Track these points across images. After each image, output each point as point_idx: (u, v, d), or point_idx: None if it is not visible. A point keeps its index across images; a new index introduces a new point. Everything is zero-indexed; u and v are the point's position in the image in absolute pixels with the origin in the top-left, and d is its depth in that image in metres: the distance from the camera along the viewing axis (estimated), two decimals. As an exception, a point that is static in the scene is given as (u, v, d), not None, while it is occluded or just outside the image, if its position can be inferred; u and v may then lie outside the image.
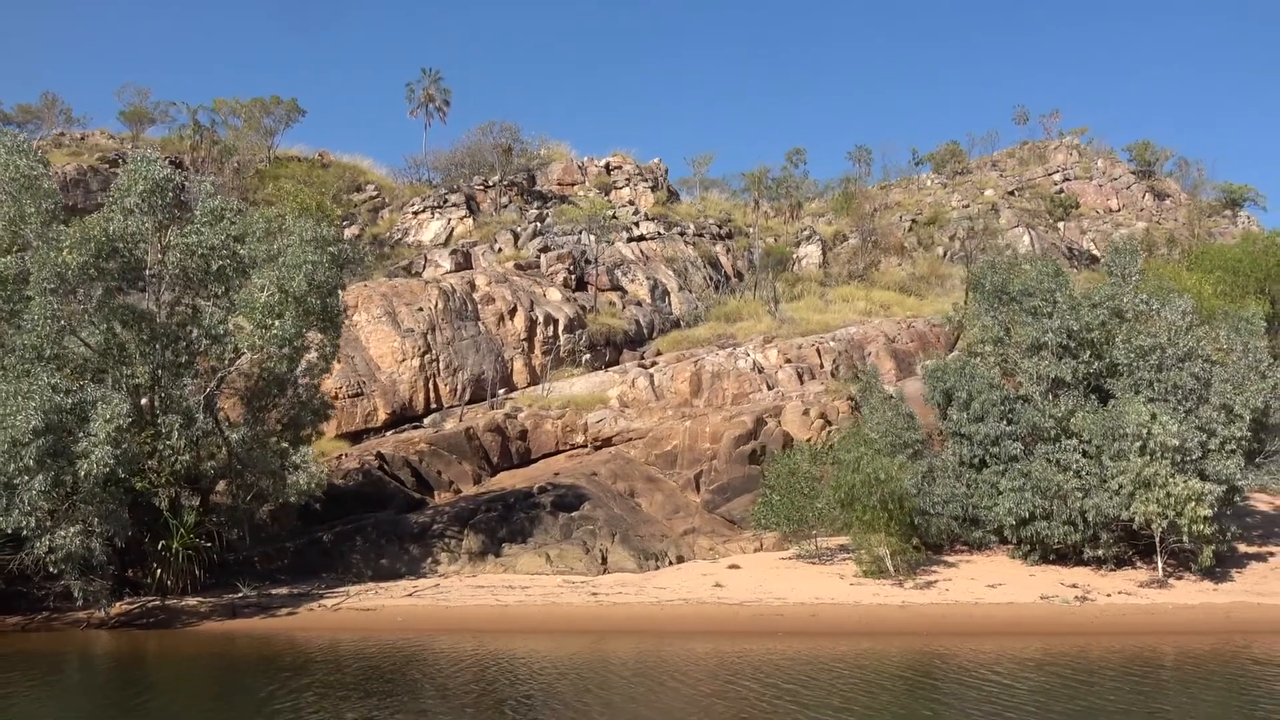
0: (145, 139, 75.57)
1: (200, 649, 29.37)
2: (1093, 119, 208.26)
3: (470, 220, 70.34)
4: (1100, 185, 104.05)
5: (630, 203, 74.81)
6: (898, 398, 40.82)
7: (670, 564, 39.30)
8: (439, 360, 54.67)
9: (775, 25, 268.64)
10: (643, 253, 70.10)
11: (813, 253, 77.37)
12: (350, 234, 67.36)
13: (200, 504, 35.22)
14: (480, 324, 57.43)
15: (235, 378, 35.62)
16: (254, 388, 36.32)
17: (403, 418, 52.83)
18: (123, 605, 33.30)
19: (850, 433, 37.93)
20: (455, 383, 54.96)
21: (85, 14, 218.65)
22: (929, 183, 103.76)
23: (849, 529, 37.21)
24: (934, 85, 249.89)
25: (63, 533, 29.46)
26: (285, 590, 36.18)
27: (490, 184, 73.11)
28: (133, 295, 35.28)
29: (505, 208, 71.96)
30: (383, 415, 52.01)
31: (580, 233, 68.29)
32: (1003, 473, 36.76)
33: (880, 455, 35.77)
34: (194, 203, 36.79)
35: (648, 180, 77.98)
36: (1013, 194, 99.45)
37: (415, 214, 71.11)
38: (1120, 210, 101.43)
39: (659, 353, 61.17)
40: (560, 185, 77.60)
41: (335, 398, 48.32)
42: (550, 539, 39.47)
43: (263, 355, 34.17)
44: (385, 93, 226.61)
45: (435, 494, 45.27)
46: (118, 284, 33.05)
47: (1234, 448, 35.16)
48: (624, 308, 64.86)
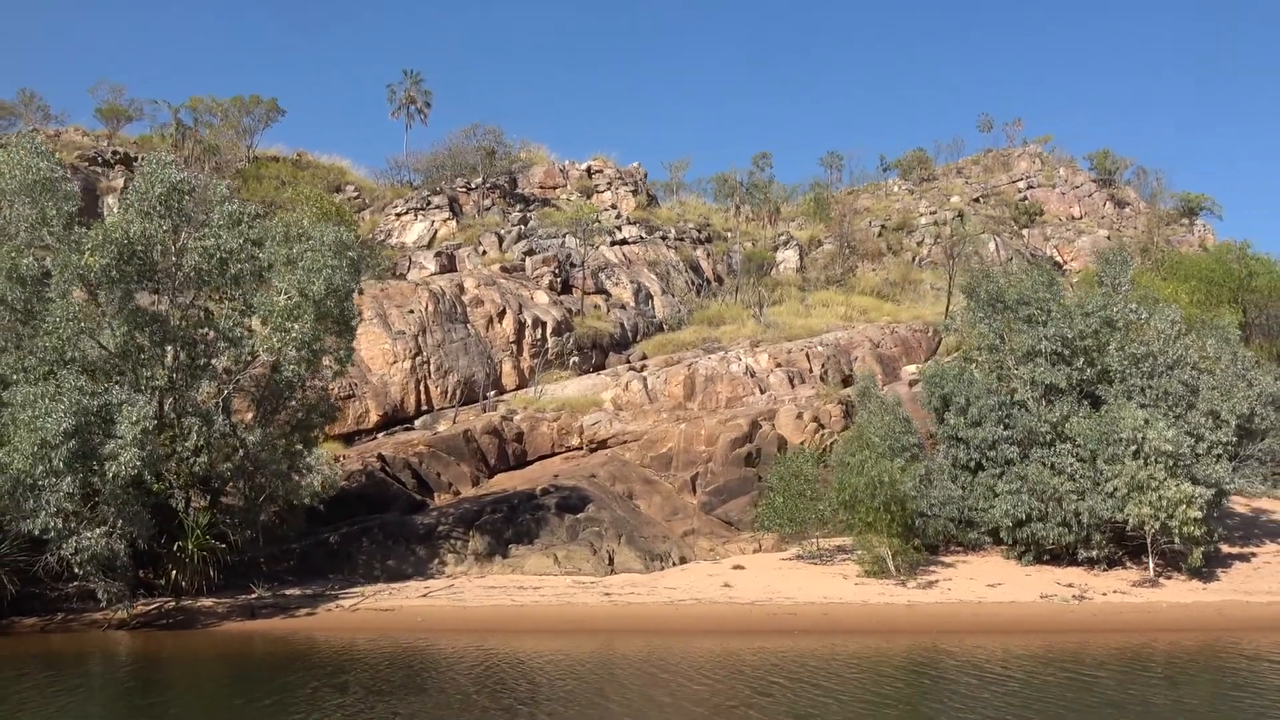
0: (121, 137, 75.03)
1: (226, 649, 29.72)
2: (1056, 126, 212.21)
3: (454, 222, 70.65)
4: (1063, 193, 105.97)
5: (612, 206, 75.55)
6: (893, 402, 41.84)
7: (674, 565, 40.07)
8: (430, 362, 55.04)
9: (748, 30, 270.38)
10: (625, 256, 70.83)
11: (790, 258, 78.53)
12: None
13: (213, 505, 35.45)
14: (470, 326, 57.85)
15: (247, 380, 35.84)
16: (265, 390, 36.58)
17: (394, 419, 53.15)
18: (139, 606, 33.43)
19: (853, 436, 38.94)
20: (446, 385, 55.36)
21: (60, 10, 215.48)
22: (896, 189, 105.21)
23: (851, 530, 38.23)
24: (901, 91, 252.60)
25: (89, 534, 29.69)
26: (298, 591, 36.52)
27: (473, 186, 73.47)
28: (143, 297, 35.47)
29: (488, 210, 72.37)
30: (374, 417, 52.29)
31: (564, 236, 68.88)
32: (999, 475, 37.96)
33: (883, 459, 36.78)
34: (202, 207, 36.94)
35: (628, 184, 78.72)
36: (978, 201, 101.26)
37: (398, 216, 71.28)
38: (1082, 218, 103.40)
39: (644, 356, 61.90)
40: (542, 188, 78.14)
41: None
42: (557, 540, 40.09)
43: (280, 358, 34.47)
44: (362, 94, 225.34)
45: (435, 495, 45.74)
46: (136, 286, 33.23)
47: (1220, 452, 36.61)
48: (609, 311, 65.54)
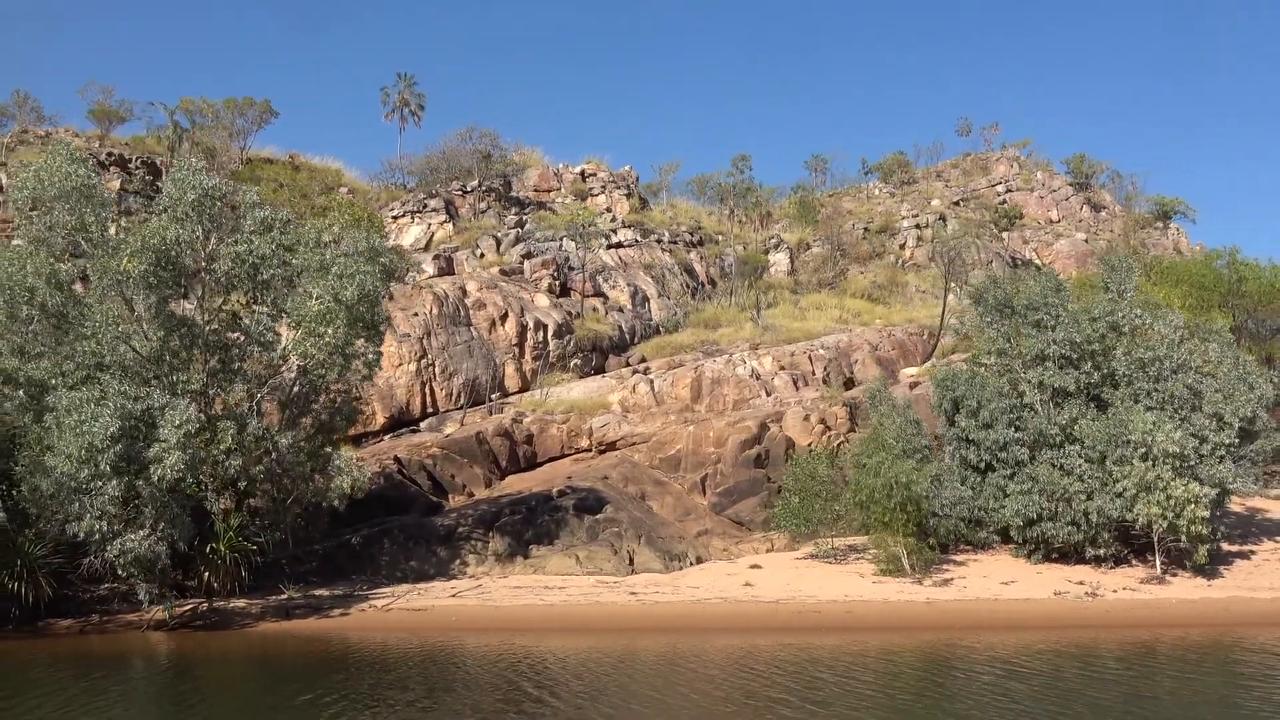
0: (113, 138, 74.88)
1: (270, 649, 30.28)
2: (1035, 130, 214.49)
3: (450, 225, 71.12)
4: (1041, 197, 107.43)
5: (608, 209, 76.25)
6: (904, 405, 42.87)
7: (691, 564, 40.87)
8: (435, 365, 55.56)
9: (733, 33, 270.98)
10: (621, 259, 71.53)
11: (781, 260, 79.53)
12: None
13: (242, 507, 35.90)
14: (473, 329, 58.39)
15: (276, 384, 36.32)
16: (292, 394, 37.07)
17: (400, 421, 53.66)
18: (158, 611, 33.68)
19: (869, 438, 39.87)
20: (451, 387, 55.91)
21: (52, 11, 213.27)
22: (877, 192, 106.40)
23: (866, 530, 39.22)
24: (880, 95, 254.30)
25: (133, 536, 30.14)
26: (326, 591, 37.07)
27: (468, 189, 73.94)
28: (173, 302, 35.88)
29: (484, 213, 72.86)
30: (381, 419, 52.77)
31: (561, 239, 69.50)
32: (1010, 476, 39.04)
33: (899, 460, 37.77)
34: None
35: (621, 187, 79.44)
36: (958, 204, 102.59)
37: (395, 218, 71.60)
38: (1060, 221, 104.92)
39: (643, 359, 62.63)
40: (536, 192, 78.72)
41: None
42: (577, 541, 40.81)
43: (312, 362, 35.00)
44: (354, 95, 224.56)
45: (449, 497, 46.31)
46: (172, 291, 33.67)
47: (1223, 453, 37.87)
48: (607, 314, 66.23)
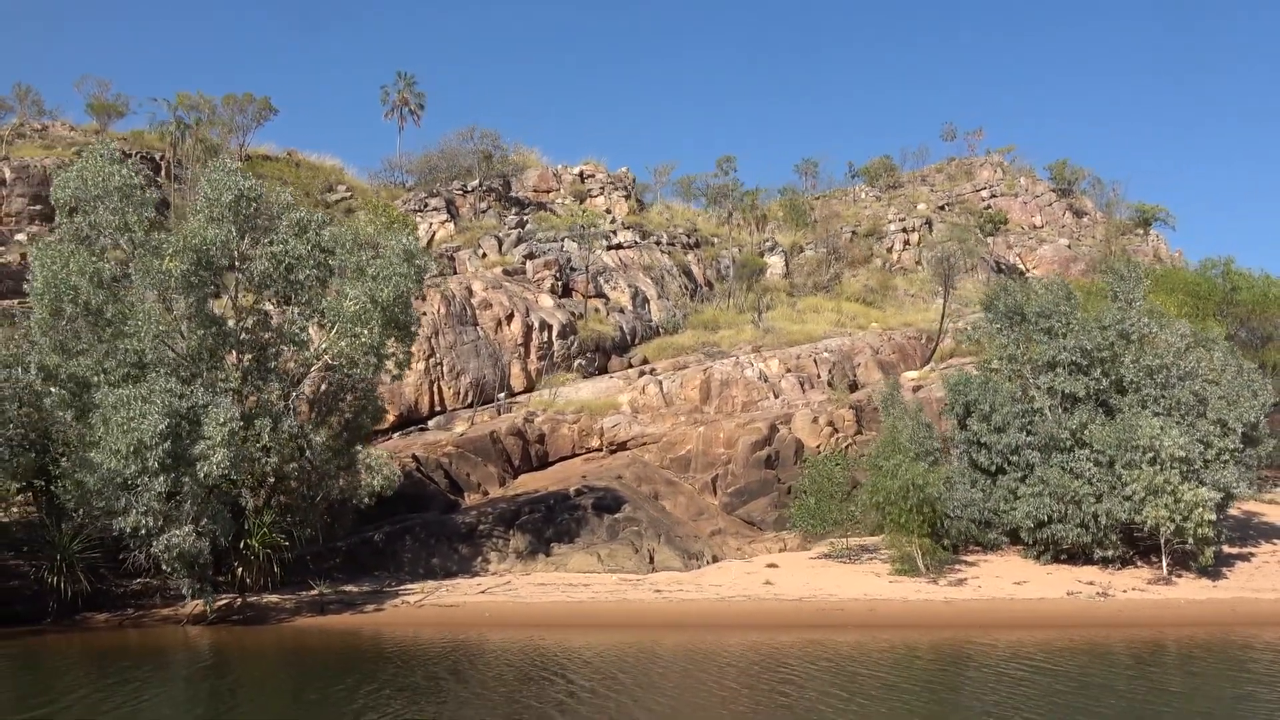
0: (110, 132, 74.77)
1: (313, 643, 30.86)
2: (1019, 134, 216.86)
3: (451, 225, 71.66)
4: (1025, 202, 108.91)
5: (607, 211, 76.96)
6: (915, 408, 43.88)
7: (708, 563, 41.72)
8: (443, 364, 56.11)
9: (725, 35, 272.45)
10: (621, 261, 72.24)
11: (776, 263, 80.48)
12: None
13: (274, 504, 36.41)
14: (479, 329, 58.97)
15: (309, 382, 36.86)
16: (322, 392, 37.61)
17: (409, 420, 54.20)
18: (198, 605, 34.14)
19: (886, 440, 40.80)
20: (459, 386, 56.49)
21: (52, 6, 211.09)
22: (863, 195, 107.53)
23: (881, 530, 40.21)
24: (867, 98, 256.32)
25: (178, 532, 30.63)
26: (353, 587, 37.64)
27: (469, 189, 74.45)
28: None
29: (484, 213, 73.40)
30: (390, 417, 53.14)
31: (563, 240, 70.16)
32: (1022, 479, 40.13)
33: (915, 463, 38.76)
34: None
35: (620, 189, 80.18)
36: (943, 209, 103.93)
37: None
38: (1043, 226, 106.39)
39: (645, 359, 63.40)
40: (536, 192, 79.32)
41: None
42: (597, 539, 41.59)
43: (346, 361, 35.58)
44: (352, 94, 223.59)
45: (465, 495, 46.95)
46: (209, 291, 34.16)
47: (1227, 458, 39.12)
48: (608, 314, 66.93)
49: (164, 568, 31.64)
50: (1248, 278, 58.22)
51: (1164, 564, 38.66)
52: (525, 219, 73.34)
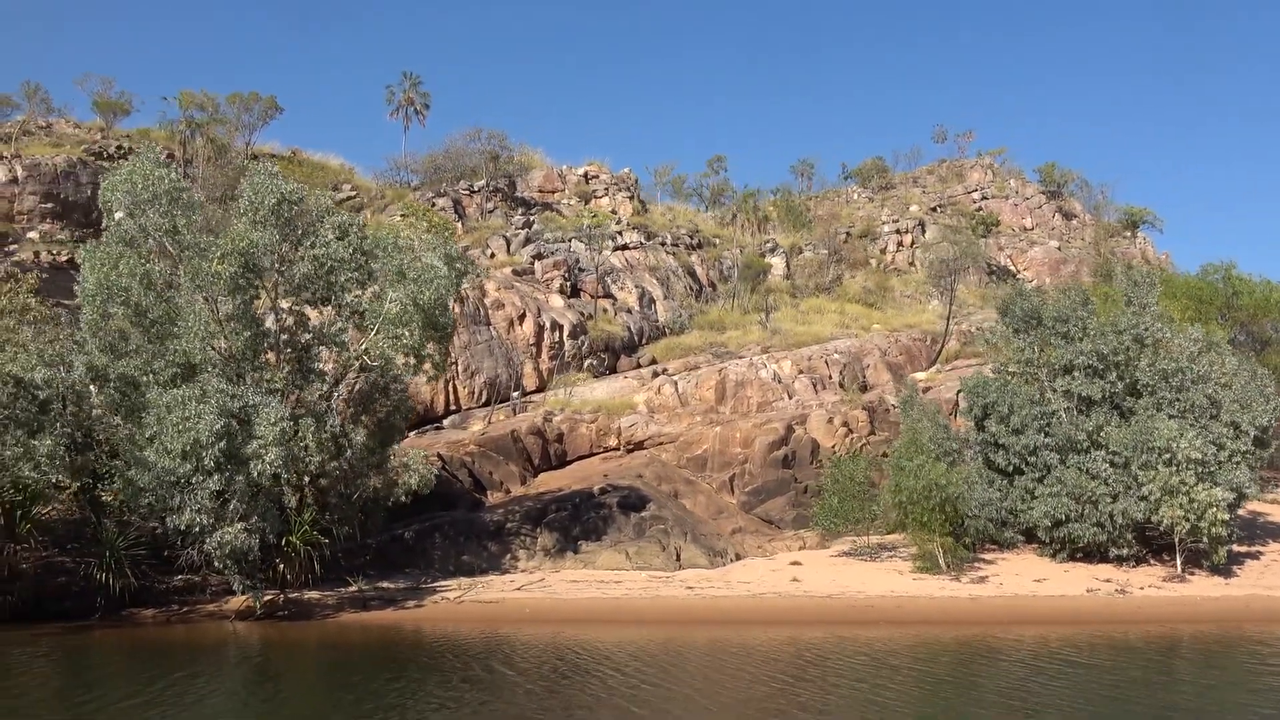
0: (116, 130, 74.92)
1: (365, 638, 31.48)
2: (1010, 134, 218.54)
3: (459, 225, 72.21)
4: (1015, 204, 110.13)
5: (613, 212, 77.71)
6: (933, 410, 44.89)
7: (731, 560, 42.59)
8: (457, 364, 56.69)
9: (724, 35, 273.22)
10: (627, 261, 73.02)
11: (777, 264, 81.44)
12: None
13: (314, 501, 37.04)
14: (492, 329, 59.65)
15: (348, 383, 37.49)
16: (356, 392, 38.24)
17: (425, 419, 54.75)
18: (247, 600, 34.77)
19: (908, 442, 41.77)
20: (473, 385, 57.16)
21: (48, 8, 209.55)
22: (856, 196, 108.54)
23: (903, 529, 41.17)
24: (861, 99, 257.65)
25: (230, 529, 31.27)
26: (389, 584, 38.30)
27: (475, 189, 75.08)
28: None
29: (491, 213, 74.06)
30: (407, 416, 53.84)
31: (570, 240, 70.87)
32: (1039, 479, 41.19)
33: (937, 463, 39.77)
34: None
35: (623, 189, 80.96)
36: (935, 210, 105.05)
37: (403, 217, 72.52)
38: (1034, 229, 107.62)
39: (654, 359, 64.20)
40: (541, 192, 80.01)
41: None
42: (624, 537, 42.40)
43: (385, 362, 36.26)
44: (353, 94, 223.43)
45: (488, 493, 47.64)
46: (254, 293, 34.77)
47: (1239, 460, 40.31)
48: (616, 314, 67.75)
49: (216, 564, 32.26)
50: (1248, 282, 59.62)
51: (1178, 562, 39.80)
52: (532, 219, 74.01)
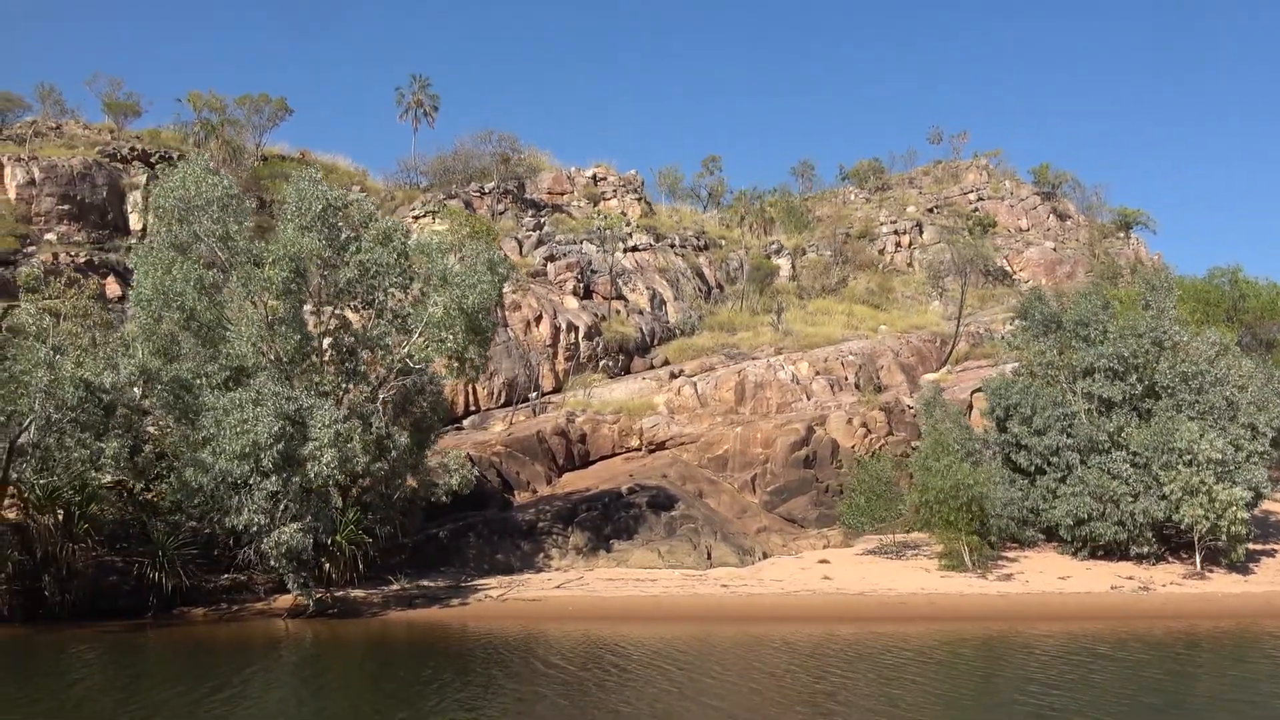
0: (126, 132, 75.22)
1: (415, 636, 32.20)
2: (1006, 134, 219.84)
3: (465, 226, 72.82)
4: (1011, 205, 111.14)
5: (623, 213, 78.46)
6: (956, 412, 45.87)
7: (759, 559, 43.45)
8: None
9: (722, 36, 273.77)
10: (637, 263, 73.81)
11: (783, 265, 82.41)
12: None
13: (357, 501, 37.69)
14: (509, 330, 60.34)
15: (393, 384, 38.17)
16: (398, 394, 38.91)
17: (446, 420, 55.34)
18: (299, 598, 35.42)
19: (933, 442, 42.72)
20: (492, 386, 57.83)
21: (47, 9, 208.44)
22: (853, 197, 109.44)
23: (929, 528, 42.09)
24: (857, 99, 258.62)
25: (287, 529, 31.94)
26: (429, 583, 39.02)
27: (486, 191, 75.72)
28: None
29: (501, 215, 74.70)
30: (427, 417, 54.47)
31: (582, 242, 71.60)
32: (1061, 479, 42.24)
33: (963, 463, 40.73)
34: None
35: (631, 190, 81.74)
36: (932, 211, 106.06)
37: (415, 218, 73.11)
38: (1029, 230, 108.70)
39: (666, 360, 64.99)
40: (550, 194, 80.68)
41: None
42: (656, 536, 43.21)
43: (430, 365, 36.97)
44: (362, 93, 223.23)
45: (516, 493, 48.36)
46: (302, 298, 35.42)
47: (1256, 460, 41.43)
48: (628, 316, 68.54)
49: (272, 563, 32.89)
50: (1254, 285, 60.95)
51: (1197, 560, 40.91)
52: (542, 221, 74.72)
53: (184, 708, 22.55)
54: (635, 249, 74.91)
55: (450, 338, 36.15)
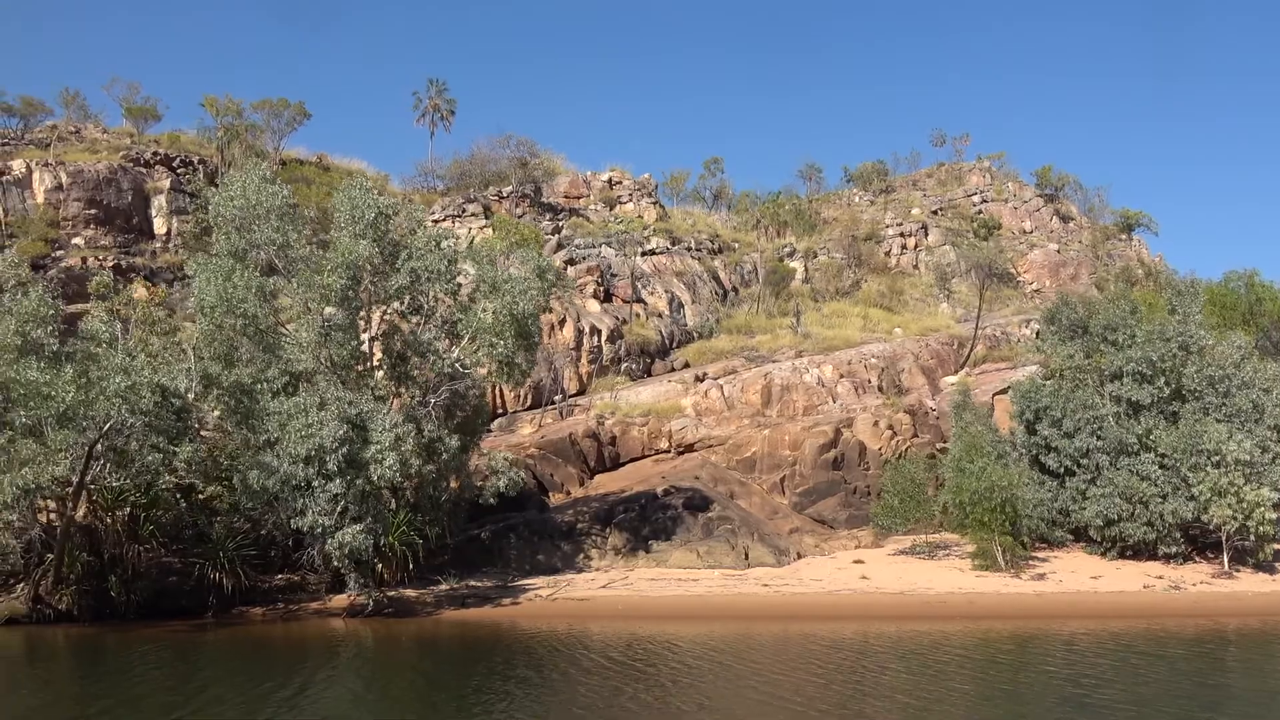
0: (145, 136, 75.70)
1: (473, 634, 32.95)
2: (1009, 135, 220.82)
3: (489, 230, 73.56)
4: (1015, 208, 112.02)
5: (639, 217, 79.29)
6: (985, 414, 46.81)
7: (794, 559, 44.28)
8: (504, 367, 58.04)
9: (721, 36, 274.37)
10: (655, 266, 74.63)
11: (797, 268, 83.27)
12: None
13: (406, 503, 38.44)
14: (534, 333, 61.01)
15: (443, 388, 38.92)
16: (448, 398, 39.66)
17: (487, 422, 56.12)
18: (353, 597, 36.18)
19: (967, 444, 43.65)
20: (518, 389, 58.47)
21: (70, 10, 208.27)
22: (858, 199, 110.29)
23: (962, 529, 42.98)
24: (866, 97, 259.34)
25: (350, 530, 32.70)
26: (475, 582, 39.83)
27: (504, 195, 76.52)
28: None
29: (520, 218, 75.45)
30: (456, 419, 55.22)
31: (601, 246, 72.41)
32: (1091, 481, 43.19)
33: (997, 465, 41.65)
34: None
35: (646, 194, 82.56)
36: (936, 214, 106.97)
37: (436, 222, 73.74)
38: (1033, 232, 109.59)
39: (686, 363, 65.83)
40: (567, 198, 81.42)
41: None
42: (694, 537, 44.03)
43: (479, 369, 37.77)
44: (376, 97, 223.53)
45: (550, 494, 49.15)
46: (360, 304, 36.17)
47: (1284, 462, 42.48)
48: (647, 319, 69.37)
49: (334, 563, 33.65)
50: (1270, 289, 62.04)
51: (1224, 559, 41.89)
52: (560, 225, 75.55)
53: (270, 704, 23.35)
54: (652, 253, 75.73)
55: (501, 343, 36.95)
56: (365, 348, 37.92)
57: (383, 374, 37.71)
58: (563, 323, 62.46)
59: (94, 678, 26.81)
